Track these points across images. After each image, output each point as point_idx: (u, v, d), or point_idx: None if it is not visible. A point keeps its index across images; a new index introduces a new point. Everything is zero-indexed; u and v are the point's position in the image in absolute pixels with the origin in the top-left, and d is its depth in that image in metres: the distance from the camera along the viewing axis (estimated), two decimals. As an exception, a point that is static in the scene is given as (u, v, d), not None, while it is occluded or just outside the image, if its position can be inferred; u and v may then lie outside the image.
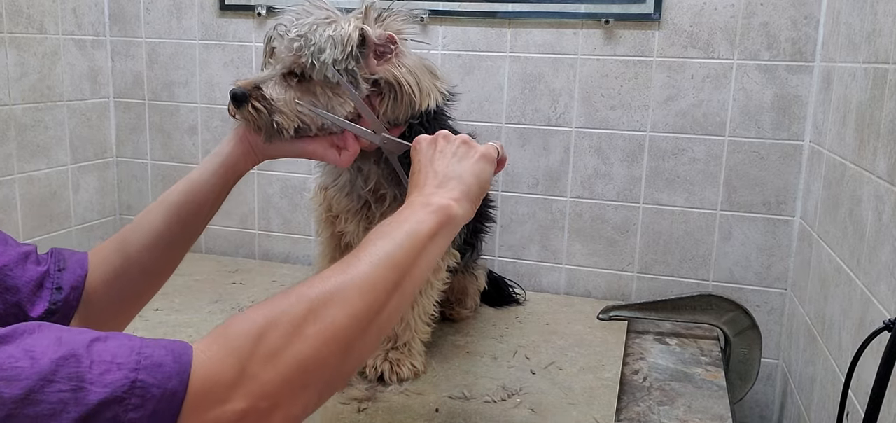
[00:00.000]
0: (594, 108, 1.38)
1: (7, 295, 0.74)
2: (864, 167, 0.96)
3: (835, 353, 1.03)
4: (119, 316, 0.86)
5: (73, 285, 0.80)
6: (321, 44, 0.85)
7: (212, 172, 0.86)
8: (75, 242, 1.59)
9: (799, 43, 1.26)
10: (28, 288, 0.77)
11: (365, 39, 0.88)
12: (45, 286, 0.79)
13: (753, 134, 1.31)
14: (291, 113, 0.87)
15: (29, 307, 0.76)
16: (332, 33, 0.86)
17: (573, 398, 0.99)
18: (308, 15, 0.89)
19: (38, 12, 1.45)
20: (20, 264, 0.78)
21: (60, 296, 0.79)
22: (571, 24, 1.36)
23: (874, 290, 0.89)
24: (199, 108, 1.60)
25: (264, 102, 0.86)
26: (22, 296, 0.76)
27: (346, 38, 0.86)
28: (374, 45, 0.89)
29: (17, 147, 1.44)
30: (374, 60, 0.90)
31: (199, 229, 0.88)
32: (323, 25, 0.87)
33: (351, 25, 0.87)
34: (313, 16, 0.88)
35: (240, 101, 0.86)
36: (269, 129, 0.86)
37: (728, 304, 1.32)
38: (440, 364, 1.08)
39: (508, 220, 1.47)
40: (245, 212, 1.63)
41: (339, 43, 0.86)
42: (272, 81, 0.88)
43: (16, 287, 0.76)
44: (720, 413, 1.00)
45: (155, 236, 0.84)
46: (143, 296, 0.87)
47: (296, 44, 0.86)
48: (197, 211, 0.86)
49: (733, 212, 1.35)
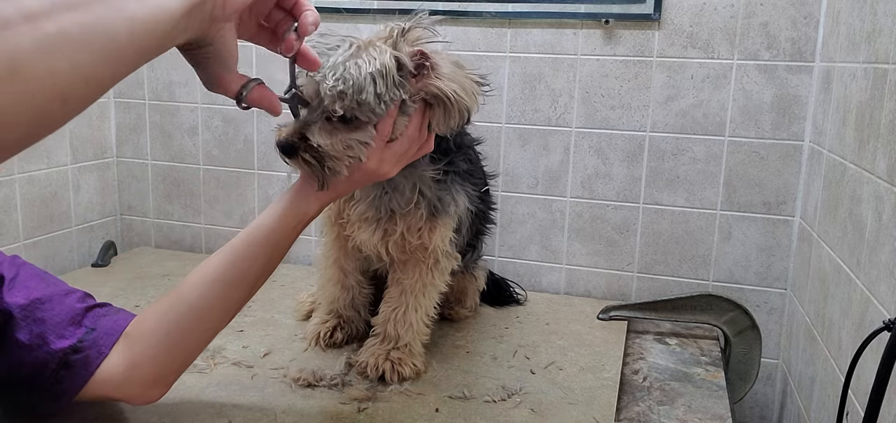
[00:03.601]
0: (594, 108, 1.38)
1: (34, 326, 0.80)
2: (864, 167, 0.96)
3: (835, 353, 1.04)
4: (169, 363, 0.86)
5: (107, 330, 0.83)
6: (360, 82, 0.81)
7: (275, 224, 0.86)
8: (75, 242, 1.59)
9: (799, 43, 1.26)
10: (54, 321, 0.81)
11: (401, 64, 0.85)
12: (82, 325, 0.83)
13: (753, 134, 1.31)
14: (342, 155, 0.85)
15: (53, 339, 0.80)
16: (372, 70, 0.82)
17: (573, 398, 0.99)
18: (330, 47, 0.85)
19: (39, 12, 1.45)
20: (57, 299, 0.83)
21: (90, 337, 0.82)
22: (571, 24, 1.36)
23: (874, 290, 0.89)
24: (200, 108, 1.60)
25: (314, 151, 0.84)
26: (47, 327, 0.80)
27: (386, 70, 0.82)
28: (410, 66, 0.86)
29: (18, 147, 1.43)
30: (412, 80, 0.87)
31: (258, 275, 0.87)
32: (354, 59, 0.82)
33: (387, 55, 0.83)
34: (339, 48, 0.84)
35: (290, 152, 0.85)
36: (323, 176, 0.85)
37: (728, 304, 1.32)
38: (440, 364, 1.08)
39: (508, 220, 1.47)
40: (245, 212, 1.63)
41: (378, 77, 0.82)
42: (316, 126, 0.85)
43: (43, 319, 0.80)
44: (720, 413, 1.00)
45: (217, 281, 0.84)
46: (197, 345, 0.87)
47: (337, 88, 0.81)
48: (263, 264, 0.86)
49: (733, 212, 1.35)
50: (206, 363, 1.05)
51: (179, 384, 0.96)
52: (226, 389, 0.98)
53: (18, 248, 1.45)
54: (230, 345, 1.11)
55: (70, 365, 0.80)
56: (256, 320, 1.23)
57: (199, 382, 0.99)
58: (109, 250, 1.61)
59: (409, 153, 0.91)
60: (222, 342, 1.12)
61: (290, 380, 1.00)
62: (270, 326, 1.20)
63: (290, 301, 1.29)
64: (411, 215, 0.99)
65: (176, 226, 1.68)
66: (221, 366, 1.05)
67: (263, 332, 1.18)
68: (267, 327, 1.19)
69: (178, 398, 0.94)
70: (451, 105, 0.87)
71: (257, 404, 0.94)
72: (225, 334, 1.15)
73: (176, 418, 0.89)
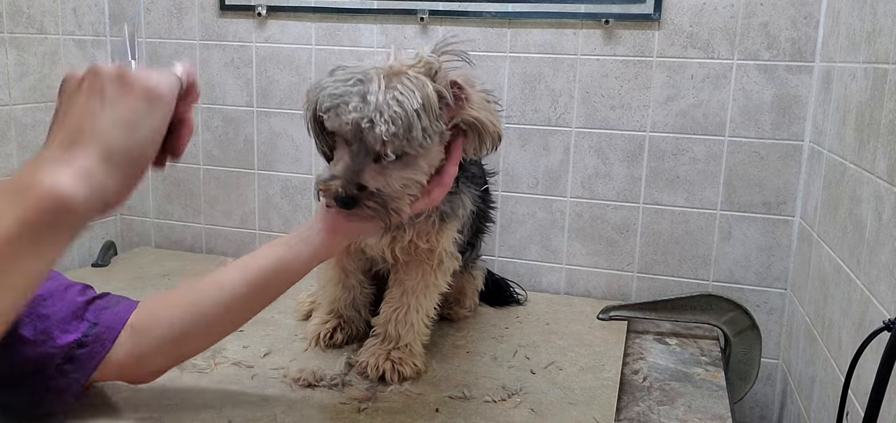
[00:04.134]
0: (594, 108, 1.38)
1: (38, 322, 0.80)
2: (864, 167, 0.96)
3: (835, 353, 1.04)
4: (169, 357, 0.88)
5: (109, 324, 0.84)
6: (409, 120, 0.80)
7: (303, 261, 0.87)
8: (75, 241, 1.59)
9: (799, 43, 1.26)
10: (58, 316, 0.81)
11: (440, 95, 0.85)
12: (84, 319, 0.83)
13: (753, 134, 1.31)
14: (402, 195, 0.85)
15: (57, 334, 0.81)
16: (417, 106, 0.80)
17: (573, 398, 0.99)
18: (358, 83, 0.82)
19: (38, 12, 1.45)
20: (58, 294, 0.83)
21: (93, 331, 0.82)
22: (571, 24, 1.36)
23: (874, 290, 0.89)
24: (200, 108, 1.60)
25: (376, 198, 0.84)
26: (50, 323, 0.81)
27: (430, 104, 0.82)
28: (449, 98, 0.86)
29: (18, 147, 1.44)
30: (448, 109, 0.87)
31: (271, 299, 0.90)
32: (390, 92, 0.80)
33: (429, 87, 0.82)
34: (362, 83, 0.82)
35: (351, 204, 0.84)
36: (388, 218, 0.85)
37: (728, 304, 1.32)
38: (440, 364, 1.08)
39: (508, 220, 1.47)
40: (246, 212, 1.63)
41: (423, 112, 0.81)
42: (368, 170, 0.84)
43: (46, 315, 0.81)
44: (720, 413, 1.00)
45: (234, 297, 0.86)
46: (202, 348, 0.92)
47: (390, 130, 0.79)
48: (281, 289, 0.88)
49: (733, 212, 1.35)
50: (207, 362, 1.05)
51: (180, 384, 0.96)
52: (226, 389, 0.98)
53: (18, 248, 1.45)
54: (230, 345, 1.11)
55: (75, 359, 0.81)
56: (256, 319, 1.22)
57: (199, 382, 0.99)
58: (109, 249, 1.61)
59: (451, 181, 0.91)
60: (222, 342, 1.12)
61: (290, 380, 1.00)
62: (270, 326, 1.20)
63: (290, 301, 1.29)
64: (423, 221, 0.99)
65: (176, 226, 1.68)
66: (221, 366, 1.05)
67: (263, 332, 1.18)
68: (267, 327, 1.19)
69: (178, 397, 0.94)
70: (485, 132, 0.88)
71: (257, 404, 0.94)
72: (225, 334, 1.15)
73: (176, 418, 0.89)
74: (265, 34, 1.53)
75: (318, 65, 1.51)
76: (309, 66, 1.52)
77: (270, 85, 1.55)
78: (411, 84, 0.81)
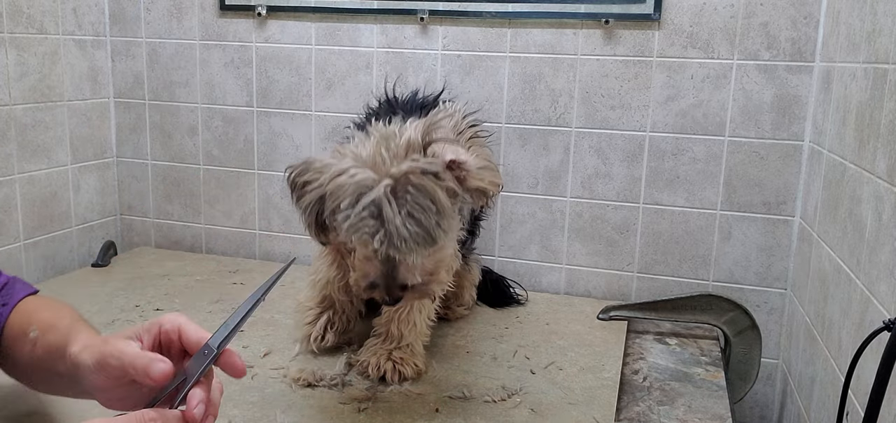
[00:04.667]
0: (594, 108, 1.38)
1: None
2: (864, 167, 0.96)
3: (835, 353, 1.04)
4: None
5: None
6: (431, 235, 0.83)
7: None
8: (75, 242, 1.59)
9: (799, 43, 1.26)
10: None
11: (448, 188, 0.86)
12: None
13: (753, 134, 1.31)
14: (439, 271, 0.92)
15: None
16: (435, 220, 0.83)
17: (573, 398, 0.99)
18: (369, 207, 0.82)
19: (38, 12, 1.45)
20: None
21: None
22: (571, 24, 1.36)
23: (874, 290, 0.89)
24: (200, 108, 1.60)
25: (418, 287, 0.90)
26: None
27: (442, 207, 0.83)
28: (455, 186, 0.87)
29: (18, 147, 1.44)
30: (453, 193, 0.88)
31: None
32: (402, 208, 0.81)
33: (440, 193, 0.83)
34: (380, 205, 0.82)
35: (400, 300, 0.91)
36: (435, 295, 0.95)
37: (728, 304, 1.32)
38: (440, 364, 1.08)
39: (508, 220, 1.47)
40: (245, 212, 1.63)
41: (439, 217, 0.83)
42: (402, 270, 0.87)
43: None
44: (720, 413, 1.00)
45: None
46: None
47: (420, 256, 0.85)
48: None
49: (733, 212, 1.35)
50: (206, 362, 1.05)
51: (179, 384, 0.95)
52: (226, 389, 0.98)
53: (18, 248, 1.45)
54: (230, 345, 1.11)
55: None
56: (256, 320, 1.23)
57: (199, 382, 0.99)
58: (109, 250, 1.61)
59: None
60: (222, 342, 1.12)
61: (290, 380, 1.00)
62: (270, 326, 1.20)
63: (290, 301, 1.29)
64: None
65: (176, 226, 1.68)
66: (221, 366, 1.05)
67: (263, 332, 1.18)
68: (267, 327, 1.19)
69: (178, 398, 0.94)
70: (488, 194, 0.91)
71: (257, 404, 0.94)
72: (225, 334, 1.15)
73: (176, 418, 0.89)
74: (265, 34, 1.53)
75: (318, 65, 1.51)
76: (309, 66, 1.52)
77: (270, 85, 1.55)
78: (422, 195, 0.82)
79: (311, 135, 1.54)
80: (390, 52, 1.46)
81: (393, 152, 0.85)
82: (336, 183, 0.85)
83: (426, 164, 0.84)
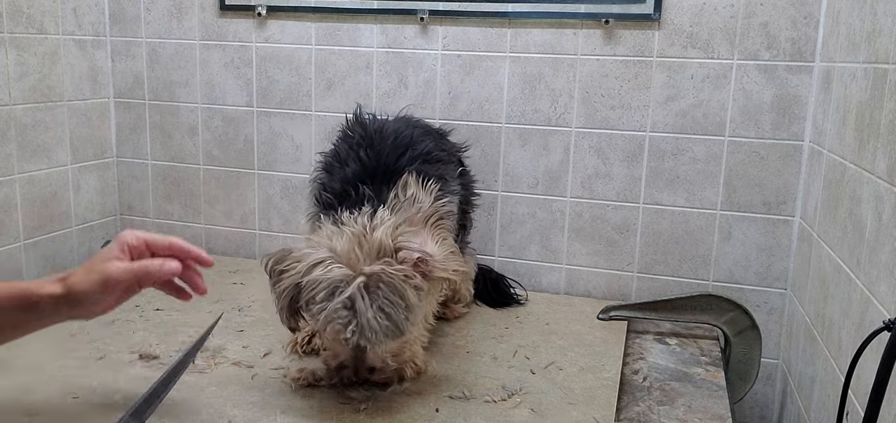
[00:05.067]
0: (594, 108, 1.38)
1: None
2: (864, 167, 0.96)
3: (835, 353, 1.04)
4: None
5: None
6: (400, 327, 0.89)
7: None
8: (75, 242, 1.59)
9: (799, 43, 1.26)
10: None
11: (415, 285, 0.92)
12: None
13: (753, 134, 1.31)
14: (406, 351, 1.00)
15: None
16: (404, 315, 0.89)
17: (573, 398, 0.99)
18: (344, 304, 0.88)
19: (38, 12, 1.45)
20: None
21: None
22: (571, 24, 1.36)
23: (874, 290, 0.89)
24: (200, 108, 1.60)
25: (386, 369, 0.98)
26: None
27: (410, 303, 0.90)
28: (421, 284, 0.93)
29: (18, 147, 1.44)
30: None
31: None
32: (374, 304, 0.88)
33: (409, 293, 0.90)
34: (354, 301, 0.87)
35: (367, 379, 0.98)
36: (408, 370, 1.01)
37: (728, 304, 1.32)
38: (440, 364, 1.08)
39: (508, 220, 1.47)
40: (245, 212, 1.63)
41: (407, 312, 0.90)
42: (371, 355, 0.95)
43: None
44: (720, 413, 1.00)
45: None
46: None
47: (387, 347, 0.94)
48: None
49: (733, 212, 1.35)
50: (207, 362, 1.05)
51: (180, 384, 0.96)
52: (226, 389, 0.98)
53: (18, 248, 1.46)
54: (230, 345, 1.11)
55: None
56: (256, 320, 1.23)
57: (199, 382, 0.99)
58: (109, 250, 1.61)
59: None
60: (222, 342, 1.12)
61: (290, 380, 1.00)
62: (270, 326, 1.20)
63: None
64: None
65: (176, 226, 1.68)
66: (221, 366, 1.05)
67: (263, 332, 1.18)
68: (267, 327, 1.19)
69: (178, 397, 0.94)
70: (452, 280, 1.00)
71: (257, 404, 0.94)
72: (225, 334, 1.15)
73: (176, 417, 0.89)
74: (265, 34, 1.53)
75: (318, 65, 1.51)
76: (309, 66, 1.52)
77: (270, 85, 1.55)
78: (391, 293, 0.88)
79: (311, 135, 1.55)
80: (390, 52, 1.46)
81: (366, 251, 0.91)
82: (312, 276, 0.90)
83: (396, 270, 0.90)
